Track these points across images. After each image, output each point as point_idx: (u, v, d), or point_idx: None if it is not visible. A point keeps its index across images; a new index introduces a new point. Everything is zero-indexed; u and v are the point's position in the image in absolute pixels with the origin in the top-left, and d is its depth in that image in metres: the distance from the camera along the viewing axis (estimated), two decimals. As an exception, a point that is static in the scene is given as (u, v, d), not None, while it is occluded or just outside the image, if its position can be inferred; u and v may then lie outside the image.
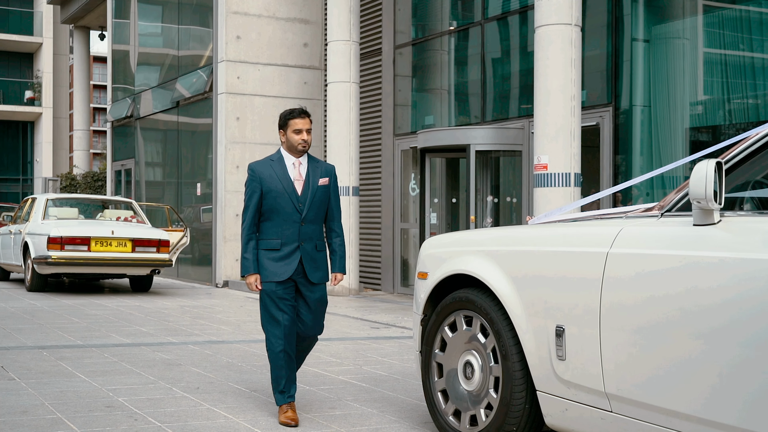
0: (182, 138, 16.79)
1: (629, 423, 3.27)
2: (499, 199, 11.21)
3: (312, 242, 4.62)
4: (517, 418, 3.81)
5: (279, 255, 4.55)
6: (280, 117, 4.68)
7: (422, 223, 11.73)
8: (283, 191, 4.55)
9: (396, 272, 13.11)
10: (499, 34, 11.71)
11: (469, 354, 4.09)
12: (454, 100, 12.59)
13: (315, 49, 14.93)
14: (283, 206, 4.55)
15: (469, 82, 12.17)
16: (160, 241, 12.19)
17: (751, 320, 2.79)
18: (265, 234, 4.60)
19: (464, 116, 12.25)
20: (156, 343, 7.41)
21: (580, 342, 3.47)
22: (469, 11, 12.40)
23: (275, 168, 4.61)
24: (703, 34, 9.08)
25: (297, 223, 4.57)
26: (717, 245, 2.97)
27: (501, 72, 11.65)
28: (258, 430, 4.36)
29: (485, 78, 11.69)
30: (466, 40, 12.25)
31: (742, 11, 8.66)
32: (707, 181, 2.93)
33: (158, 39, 18.55)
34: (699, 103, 9.11)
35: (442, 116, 12.65)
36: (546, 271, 3.69)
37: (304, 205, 4.58)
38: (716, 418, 2.89)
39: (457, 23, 12.57)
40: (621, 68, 9.70)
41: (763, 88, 8.46)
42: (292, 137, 4.60)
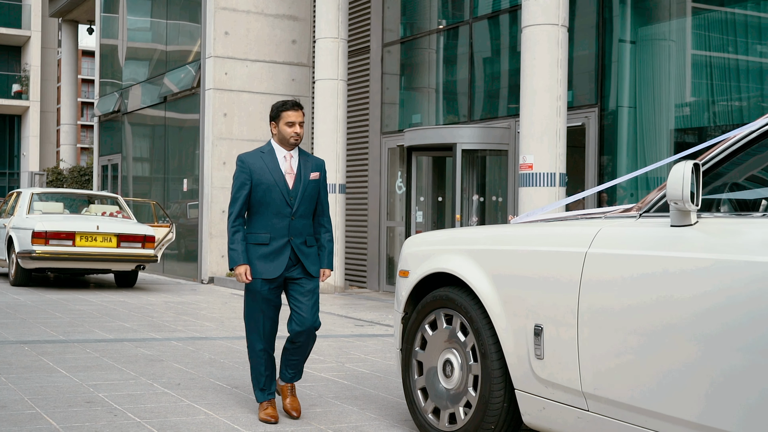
0: (169, 133, 16.74)
1: (606, 422, 3.29)
2: (485, 198, 11.23)
3: (302, 237, 4.50)
4: (496, 417, 3.82)
5: (268, 250, 4.44)
6: (272, 108, 4.55)
7: (408, 222, 11.73)
8: (274, 184, 4.43)
9: (381, 270, 13.12)
10: (487, 33, 11.72)
11: (449, 352, 4.10)
12: (442, 98, 12.60)
13: (303, 46, 14.91)
14: (274, 200, 4.43)
15: (456, 81, 12.18)
16: (146, 237, 12.16)
17: (726, 320, 2.81)
18: (253, 228, 4.48)
19: (451, 115, 12.26)
20: (138, 339, 7.39)
21: (558, 341, 3.48)
22: (457, 10, 12.41)
23: (266, 160, 4.48)
24: (689, 36, 9.12)
25: (287, 217, 4.45)
26: (693, 246, 2.99)
27: (488, 71, 11.67)
28: (238, 427, 4.36)
29: (472, 77, 11.70)
30: (454, 39, 12.26)
31: (727, 14, 8.70)
32: (684, 182, 2.95)
33: (146, 34, 18.49)
34: (684, 105, 9.15)
35: (430, 115, 12.66)
36: (525, 271, 3.71)
37: (296, 199, 4.46)
38: (692, 419, 2.91)
39: (445, 22, 12.58)
40: (607, 69, 9.73)
41: (747, 90, 8.50)
42: (285, 129, 4.48)
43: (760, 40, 8.44)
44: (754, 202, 3.31)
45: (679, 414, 2.95)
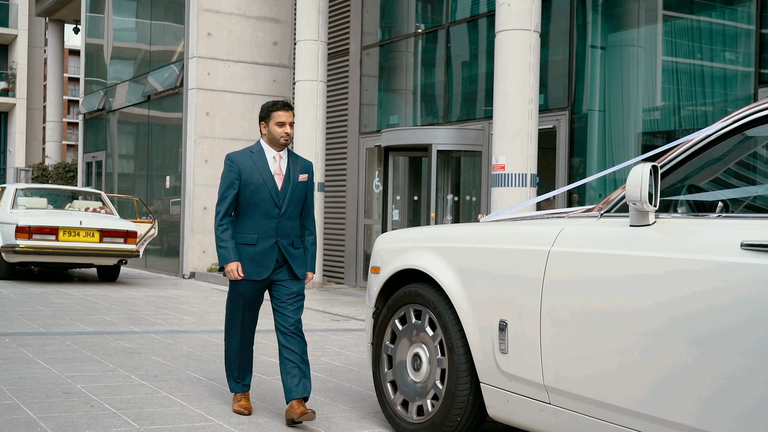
0: (153, 131, 16.66)
1: (566, 414, 3.31)
2: (459, 198, 11.26)
3: (289, 239, 4.38)
4: (462, 409, 3.84)
5: (255, 251, 4.32)
6: (262, 108, 4.42)
7: (385, 220, 11.75)
8: (263, 185, 4.31)
9: (359, 266, 13.12)
10: (463, 38, 11.75)
11: (418, 346, 4.11)
12: (419, 100, 12.62)
13: (284, 48, 14.88)
14: (262, 200, 4.31)
15: (433, 83, 12.20)
16: (128, 232, 12.09)
17: (681, 316, 2.84)
18: (240, 227, 4.36)
19: (428, 117, 12.28)
20: (118, 332, 7.35)
21: (521, 336, 3.50)
22: (434, 15, 12.43)
23: (255, 160, 4.35)
24: (656, 42, 9.18)
25: (275, 218, 4.33)
26: (651, 245, 3.02)
27: (464, 75, 11.70)
28: (212, 418, 4.35)
29: (448, 80, 11.73)
30: (431, 42, 12.28)
31: (693, 21, 8.77)
32: (642, 184, 2.97)
33: (131, 34, 18.38)
34: (651, 109, 9.21)
35: (407, 116, 12.67)
36: (491, 268, 3.73)
37: (284, 200, 4.34)
38: (648, 411, 2.94)
39: (423, 26, 12.60)
40: (578, 74, 9.78)
41: (712, 95, 8.58)
42: (275, 129, 4.35)
43: (725, 47, 8.52)
44: (711, 203, 3.35)
45: (636, 407, 2.98)
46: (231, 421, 4.29)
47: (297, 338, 4.34)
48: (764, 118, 2.96)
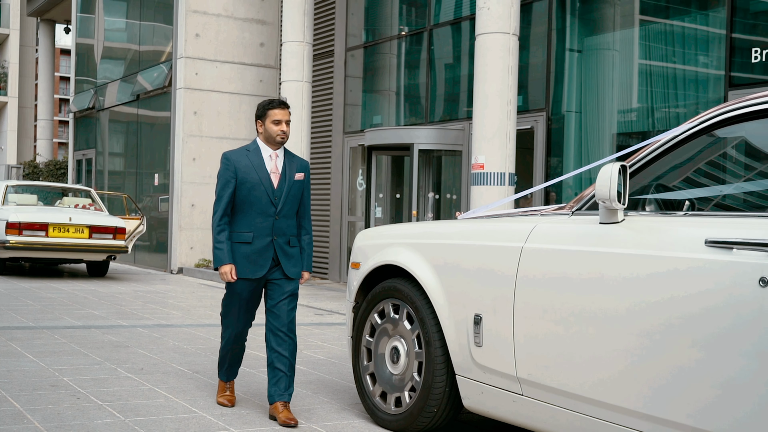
0: (142, 130, 16.59)
1: (538, 405, 3.34)
2: (440, 196, 11.29)
3: (285, 237, 4.27)
4: (438, 401, 3.86)
5: (251, 249, 4.20)
6: (259, 107, 4.31)
7: (368, 217, 11.75)
8: (259, 183, 4.20)
9: (342, 262, 13.12)
10: (445, 40, 11.77)
11: (396, 340, 4.13)
12: (401, 101, 12.63)
13: (271, 49, 14.85)
14: (258, 198, 4.20)
15: (415, 84, 12.21)
16: (117, 229, 12.04)
17: (648, 310, 2.87)
18: (236, 226, 4.23)
19: (410, 117, 12.29)
20: (106, 326, 7.33)
21: (495, 329, 3.52)
22: (417, 18, 12.44)
23: (251, 158, 4.24)
24: (631, 46, 9.23)
25: (271, 217, 4.21)
26: (619, 242, 3.04)
27: (445, 76, 11.72)
28: (196, 410, 4.35)
29: (430, 81, 11.74)
30: (414, 44, 12.29)
31: (666, 25, 8.83)
32: (612, 183, 3.00)
33: (121, 34, 18.29)
34: (626, 111, 9.26)
35: (390, 116, 12.68)
36: (467, 264, 3.75)
37: (280, 198, 4.23)
38: (615, 402, 2.97)
39: (405, 29, 12.61)
40: (555, 76, 9.82)
41: (684, 98, 8.64)
42: (271, 128, 4.24)
43: (698, 51, 8.58)
44: (678, 201, 3.38)
45: (605, 398, 3.01)
46: (214, 413, 4.29)
47: (288, 340, 4.24)
48: (728, 119, 2.99)
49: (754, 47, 7.86)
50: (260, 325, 7.71)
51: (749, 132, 3.11)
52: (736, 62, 8.02)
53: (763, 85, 7.64)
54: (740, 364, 2.57)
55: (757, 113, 2.92)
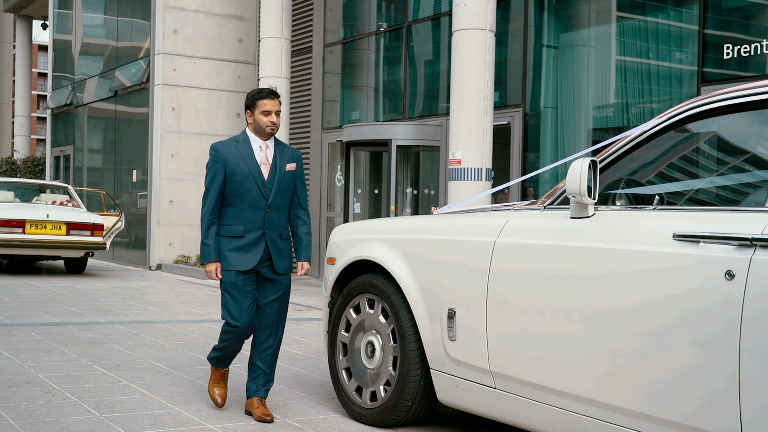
0: (120, 126, 16.47)
1: (510, 398, 3.35)
2: (418, 191, 11.30)
3: (277, 230, 4.15)
4: (413, 394, 3.87)
5: (242, 243, 4.08)
6: (248, 97, 4.18)
7: (346, 213, 11.75)
8: (249, 175, 4.07)
9: (321, 258, 13.10)
10: (423, 36, 11.77)
11: (371, 334, 4.13)
12: (380, 97, 12.63)
13: (249, 45, 14.79)
14: (248, 191, 4.07)
15: (393, 80, 12.21)
16: (95, 225, 11.96)
17: (617, 303, 2.89)
18: (227, 220, 4.11)
19: (388, 113, 12.29)
20: (83, 323, 7.28)
21: (469, 324, 3.54)
22: (395, 14, 12.43)
23: (240, 149, 4.11)
24: (606, 42, 9.28)
25: (262, 209, 4.10)
26: (590, 236, 3.07)
27: (423, 72, 11.73)
28: (172, 405, 4.34)
29: (408, 77, 11.75)
30: (393, 41, 12.29)
31: (641, 22, 8.88)
32: (582, 178, 3.02)
33: (99, 30, 18.14)
34: (601, 107, 9.31)
35: (368, 112, 12.67)
36: (441, 258, 3.76)
37: (271, 190, 4.11)
38: (586, 395, 2.99)
39: (384, 25, 12.60)
40: (533, 72, 9.86)
41: (658, 93, 8.70)
42: (260, 119, 4.11)
43: (672, 47, 8.64)
44: (648, 196, 3.40)
45: (575, 390, 3.03)
46: (191, 408, 4.28)
47: (272, 339, 4.19)
48: (697, 115, 3.02)
49: (726, 43, 7.92)
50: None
51: (721, 127, 3.14)
52: (709, 58, 8.09)
53: (735, 80, 7.71)
54: (706, 355, 2.60)
55: (726, 108, 2.94)
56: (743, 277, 2.52)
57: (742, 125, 3.08)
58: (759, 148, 3.18)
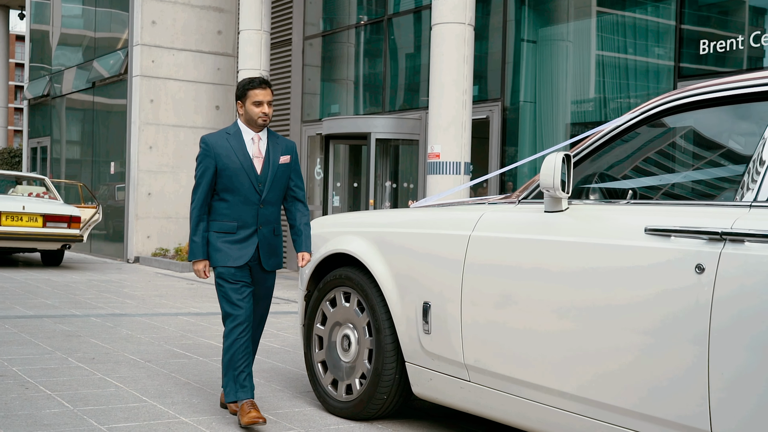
0: (98, 118, 16.34)
1: (484, 391, 3.37)
2: (397, 185, 11.30)
3: (270, 226, 3.98)
4: (388, 387, 3.88)
5: (234, 239, 3.91)
6: (238, 87, 3.97)
7: (325, 206, 11.73)
8: (241, 168, 3.88)
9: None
10: (403, 29, 11.76)
11: (347, 328, 4.13)
12: (359, 90, 12.61)
13: (228, 37, 14.71)
14: (241, 185, 3.89)
15: (373, 74, 12.20)
16: (72, 217, 11.86)
17: (590, 296, 2.90)
18: (218, 216, 3.93)
19: (368, 106, 12.28)
20: (59, 316, 7.23)
21: (443, 317, 3.55)
22: (375, 7, 12.41)
23: (232, 142, 3.92)
24: (584, 37, 9.32)
25: (255, 204, 3.91)
26: (563, 230, 3.08)
27: (403, 65, 11.72)
28: (146, 398, 4.32)
29: (388, 71, 11.74)
30: (373, 34, 12.27)
31: (618, 17, 8.92)
32: (555, 172, 3.03)
33: (77, 20, 17.97)
34: (579, 101, 9.35)
35: (348, 105, 12.65)
36: (416, 252, 3.76)
37: (264, 185, 3.92)
38: (559, 387, 3.00)
39: (364, 18, 12.57)
40: (510, 66, 9.88)
41: (636, 88, 8.74)
42: (252, 109, 3.91)
43: (649, 42, 8.68)
44: (622, 190, 3.42)
45: (548, 383, 3.05)
46: (165, 401, 4.26)
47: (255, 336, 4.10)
48: (669, 109, 3.04)
49: (702, 39, 7.98)
50: (211, 314, 7.68)
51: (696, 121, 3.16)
52: (686, 53, 8.14)
53: (711, 76, 7.76)
54: (677, 347, 2.62)
55: (700, 102, 2.96)
56: (713, 271, 2.54)
57: (715, 120, 3.10)
58: (731, 143, 3.21)
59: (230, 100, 14.51)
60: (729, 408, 2.48)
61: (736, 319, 2.47)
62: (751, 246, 2.47)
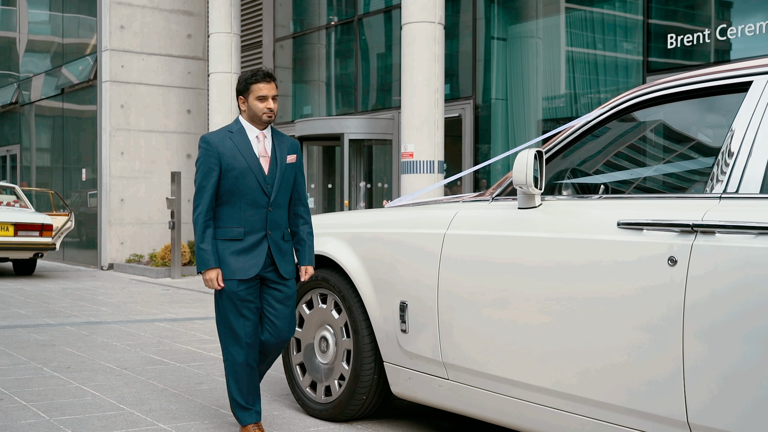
0: (68, 124, 16.19)
1: (462, 389, 3.38)
2: (371, 185, 11.30)
3: (280, 231, 3.69)
4: (367, 388, 3.88)
5: (242, 246, 3.60)
6: (240, 81, 3.69)
7: (300, 208, 11.69)
8: (248, 169, 3.59)
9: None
10: (373, 29, 11.76)
11: (324, 329, 4.12)
12: (332, 91, 12.59)
13: (198, 40, 14.63)
14: (248, 187, 3.59)
15: (344, 74, 12.19)
16: (43, 225, 11.74)
17: (565, 291, 2.92)
18: (223, 221, 3.62)
19: (341, 107, 12.27)
20: (32, 325, 7.15)
21: (421, 316, 3.55)
22: (345, 7, 12.40)
23: (236, 141, 3.62)
24: (554, 33, 9.37)
25: (264, 208, 3.62)
26: (537, 226, 3.09)
27: (374, 66, 11.72)
28: (124, 406, 4.28)
29: (360, 71, 11.73)
30: (343, 34, 12.26)
31: (587, 12, 8.98)
32: (528, 168, 3.04)
33: (44, 26, 17.79)
34: (550, 97, 9.41)
35: (320, 106, 12.64)
36: (392, 252, 3.76)
37: (272, 186, 3.63)
38: (536, 383, 3.02)
39: (334, 18, 12.56)
40: (481, 64, 9.91)
41: (606, 84, 8.81)
42: (255, 105, 3.63)
43: (618, 37, 8.75)
44: (595, 185, 3.45)
45: (527, 379, 3.06)
46: (143, 409, 4.23)
47: (279, 351, 3.79)
48: (639, 104, 3.06)
49: (670, 33, 8.05)
50: (188, 319, 7.63)
51: (666, 115, 3.19)
52: (654, 48, 8.22)
53: (679, 69, 7.84)
54: (650, 339, 2.64)
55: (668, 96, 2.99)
56: (685, 263, 2.56)
57: (684, 113, 3.14)
58: (701, 136, 3.25)
59: (202, 103, 14.43)
60: (704, 398, 2.50)
61: (709, 309, 2.49)
62: (721, 237, 2.50)
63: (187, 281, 11.66)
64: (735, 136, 2.66)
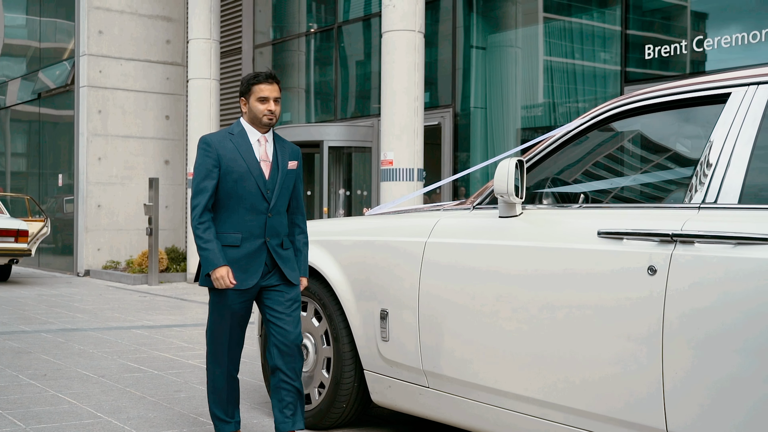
0: (45, 129, 16.05)
1: (442, 396, 3.38)
2: (351, 192, 11.30)
3: (279, 238, 3.57)
4: (347, 396, 3.87)
5: (239, 254, 3.49)
6: (242, 82, 3.59)
7: (279, 214, 11.67)
8: (248, 173, 3.49)
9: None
10: (353, 37, 11.78)
11: (304, 337, 4.11)
12: (311, 98, 12.59)
13: (177, 46, 14.58)
14: (248, 192, 3.49)
15: (324, 81, 12.19)
16: (18, 231, 11.62)
17: (545, 300, 2.93)
18: (220, 226, 3.51)
19: (320, 114, 12.27)
20: (7, 332, 7.07)
21: (401, 324, 3.55)
22: (325, 15, 12.41)
23: (236, 143, 3.52)
24: (533, 43, 9.44)
25: (263, 214, 3.52)
26: (518, 235, 3.11)
27: (354, 73, 11.73)
28: (101, 414, 4.24)
29: (340, 78, 11.74)
30: (323, 41, 12.27)
31: (566, 22, 9.05)
32: (509, 177, 3.06)
33: (21, 31, 17.66)
34: (529, 106, 9.47)
35: (300, 113, 12.63)
36: (373, 259, 3.76)
37: (273, 192, 3.53)
38: (516, 391, 3.03)
39: (314, 26, 12.57)
40: (461, 73, 9.96)
41: (584, 93, 8.88)
42: (256, 107, 3.52)
43: (596, 47, 8.83)
44: (575, 194, 3.47)
45: (507, 387, 3.07)
46: (120, 417, 4.20)
47: (296, 356, 3.56)
48: (617, 114, 3.09)
49: (647, 44, 8.13)
50: (167, 327, 7.58)
51: (643, 126, 3.22)
52: (632, 58, 8.29)
53: (657, 80, 7.92)
54: (630, 348, 2.66)
55: (646, 107, 3.02)
56: (665, 272, 2.58)
57: (662, 124, 3.17)
58: (679, 146, 3.28)
59: (180, 109, 14.37)
60: (683, 406, 2.52)
61: (688, 318, 2.52)
62: (700, 247, 2.52)
63: (165, 288, 11.58)
64: (714, 146, 2.69)
